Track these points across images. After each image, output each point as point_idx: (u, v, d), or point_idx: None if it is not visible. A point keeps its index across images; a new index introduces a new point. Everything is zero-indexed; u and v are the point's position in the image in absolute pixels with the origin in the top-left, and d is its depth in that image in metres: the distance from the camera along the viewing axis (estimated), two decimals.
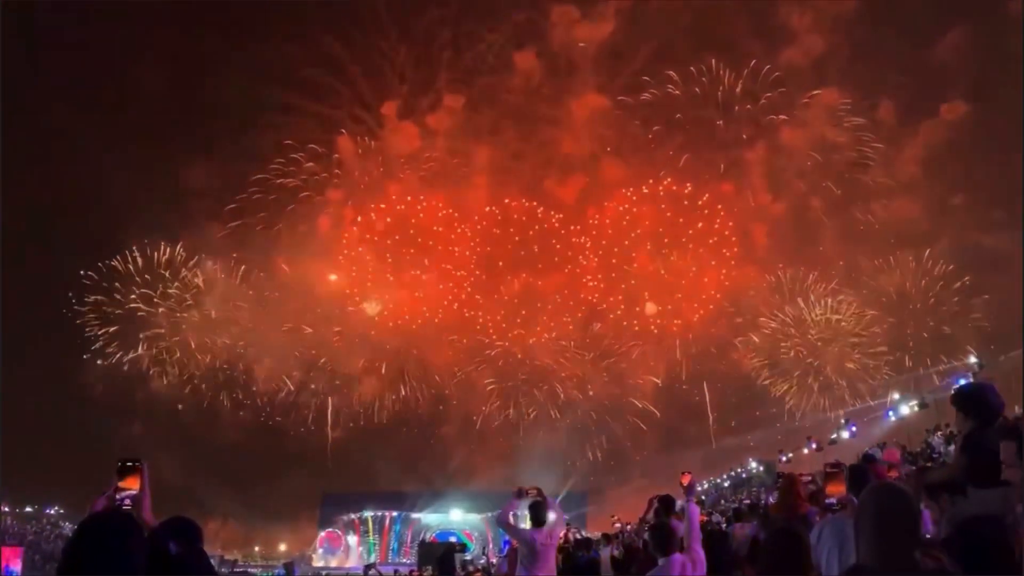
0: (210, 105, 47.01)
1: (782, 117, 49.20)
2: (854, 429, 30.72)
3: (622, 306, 51.85)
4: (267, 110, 49.47)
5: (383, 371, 51.55)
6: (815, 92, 47.90)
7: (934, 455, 20.46)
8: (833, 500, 4.98)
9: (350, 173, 53.66)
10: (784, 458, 34.61)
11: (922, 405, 27.30)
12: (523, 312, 52.08)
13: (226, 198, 51.44)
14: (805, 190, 49.16)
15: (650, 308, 51.44)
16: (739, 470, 39.48)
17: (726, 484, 39.77)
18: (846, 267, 47.51)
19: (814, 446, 32.50)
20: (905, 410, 28.26)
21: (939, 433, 21.97)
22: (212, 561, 4.41)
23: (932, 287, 43.62)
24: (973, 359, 21.62)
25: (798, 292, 49.00)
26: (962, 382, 19.39)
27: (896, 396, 28.96)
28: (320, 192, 52.81)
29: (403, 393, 51.26)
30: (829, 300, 47.89)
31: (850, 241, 47.35)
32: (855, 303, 46.74)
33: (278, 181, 52.53)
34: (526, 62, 51.62)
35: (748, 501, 18.83)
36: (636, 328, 51.48)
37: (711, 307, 50.87)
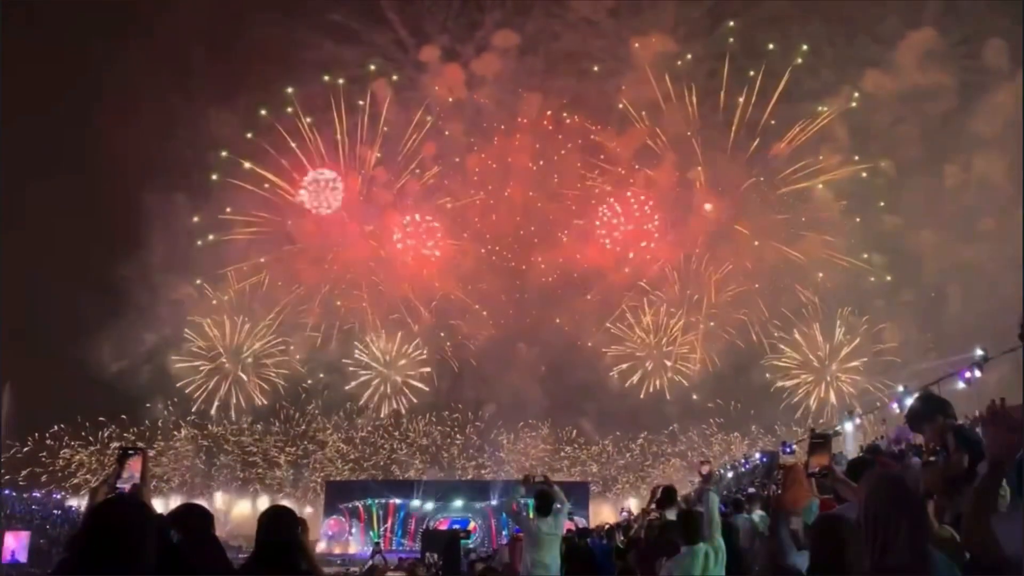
0: (235, 49, 44.71)
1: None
2: (858, 421, 30.65)
3: (676, 284, 49.81)
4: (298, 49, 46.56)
5: (418, 350, 50.44)
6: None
7: (938, 448, 20.40)
8: (816, 469, 5.13)
9: (386, 127, 50.28)
10: (787, 449, 34.58)
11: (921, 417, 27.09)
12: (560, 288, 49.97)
13: (250, 151, 49.39)
14: (881, 150, 45.56)
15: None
16: (741, 460, 39.50)
17: (729, 474, 39.80)
18: (916, 240, 44.35)
19: None
20: (911, 403, 28.11)
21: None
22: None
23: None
24: (979, 351, 21.52)
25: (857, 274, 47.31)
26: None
27: (901, 388, 28.85)
28: (352, 149, 50.40)
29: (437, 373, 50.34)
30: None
31: (925, 205, 43.55)
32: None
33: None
34: None
35: (752, 490, 18.85)
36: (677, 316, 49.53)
37: (763, 283, 48.58)
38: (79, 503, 42.58)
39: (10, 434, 44.74)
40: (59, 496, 46.89)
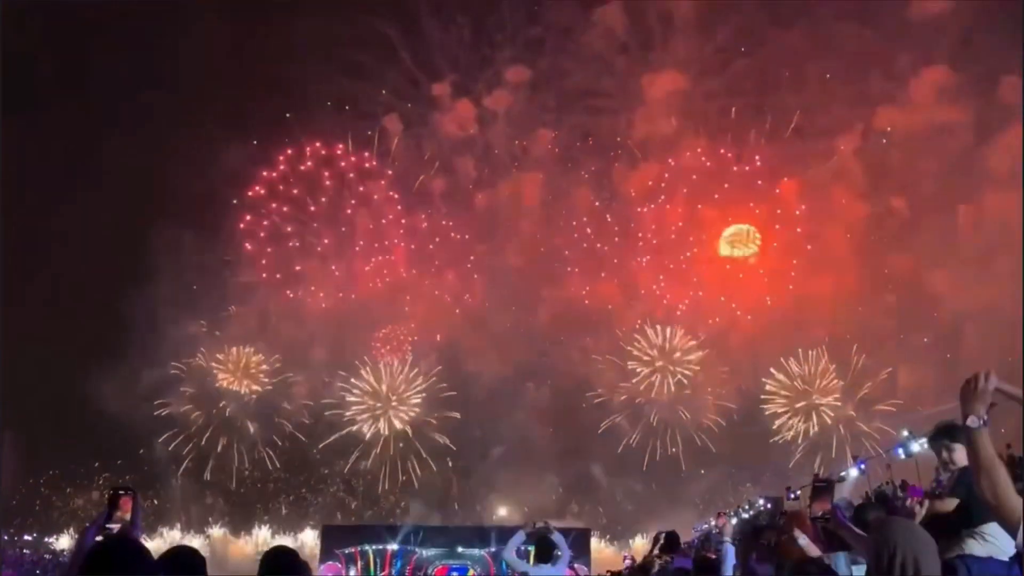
0: (247, 84, 45.15)
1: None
2: (863, 467, 30.19)
3: (681, 321, 49.09)
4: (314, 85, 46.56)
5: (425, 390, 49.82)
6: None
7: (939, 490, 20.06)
8: (819, 514, 5.14)
9: (396, 161, 50.26)
10: (792, 495, 34.00)
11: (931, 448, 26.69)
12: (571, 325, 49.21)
13: (261, 186, 49.47)
14: (896, 188, 44.59)
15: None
16: (745, 507, 38.81)
17: (732, 521, 39.07)
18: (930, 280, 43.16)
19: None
20: (916, 448, 27.79)
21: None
22: None
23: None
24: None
25: (864, 320, 46.27)
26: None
27: (906, 433, 28.53)
28: (362, 184, 50.36)
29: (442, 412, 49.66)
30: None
31: (940, 245, 42.66)
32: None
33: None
34: (609, 16, 47.24)
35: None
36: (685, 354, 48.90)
37: (766, 325, 47.70)
38: (70, 545, 41.93)
39: (12, 481, 44.09)
40: (51, 540, 46.17)
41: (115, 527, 3.78)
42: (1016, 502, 3.19)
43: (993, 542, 5.07)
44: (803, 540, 5.44)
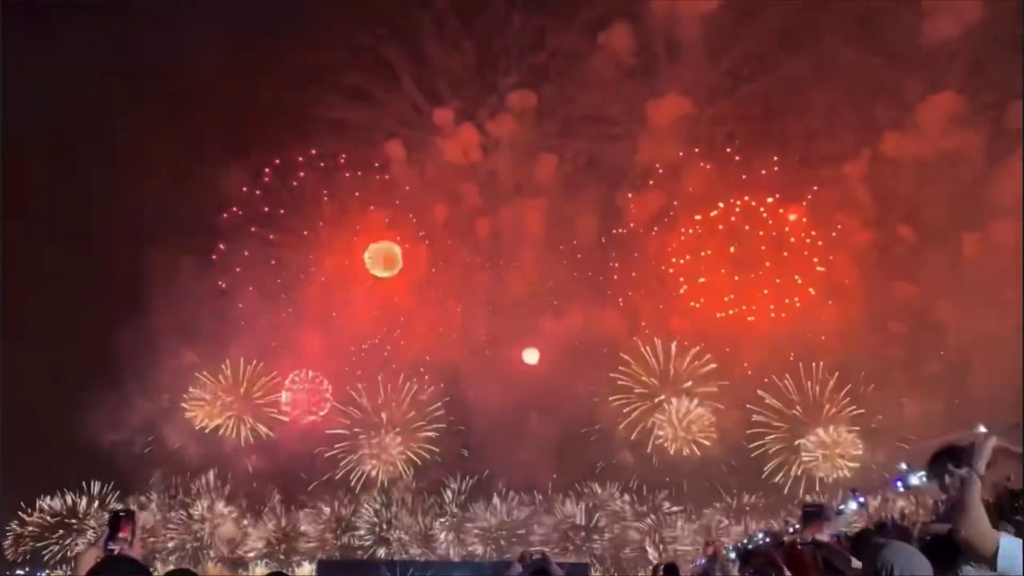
0: (248, 109, 45.00)
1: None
2: (862, 500, 30.00)
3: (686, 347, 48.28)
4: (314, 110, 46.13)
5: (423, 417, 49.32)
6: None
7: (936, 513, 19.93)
8: (809, 539, 5.15)
9: (397, 188, 49.81)
10: (791, 528, 33.66)
11: (930, 476, 26.51)
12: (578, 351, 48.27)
13: (258, 212, 49.41)
14: (903, 215, 43.82)
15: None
16: (744, 540, 38.39)
17: (732, 555, 38.63)
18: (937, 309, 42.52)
19: None
20: (914, 481, 27.63)
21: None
22: None
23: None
24: (982, 428, 21.18)
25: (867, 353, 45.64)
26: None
27: (904, 466, 28.37)
28: (363, 210, 50.00)
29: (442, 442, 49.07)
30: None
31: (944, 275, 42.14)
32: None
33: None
34: (615, 40, 46.57)
35: (752, 572, 18.32)
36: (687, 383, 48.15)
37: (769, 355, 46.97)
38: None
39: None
40: (43, 575, 45.56)
41: (116, 548, 3.84)
42: (987, 540, 3.27)
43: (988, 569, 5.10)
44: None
